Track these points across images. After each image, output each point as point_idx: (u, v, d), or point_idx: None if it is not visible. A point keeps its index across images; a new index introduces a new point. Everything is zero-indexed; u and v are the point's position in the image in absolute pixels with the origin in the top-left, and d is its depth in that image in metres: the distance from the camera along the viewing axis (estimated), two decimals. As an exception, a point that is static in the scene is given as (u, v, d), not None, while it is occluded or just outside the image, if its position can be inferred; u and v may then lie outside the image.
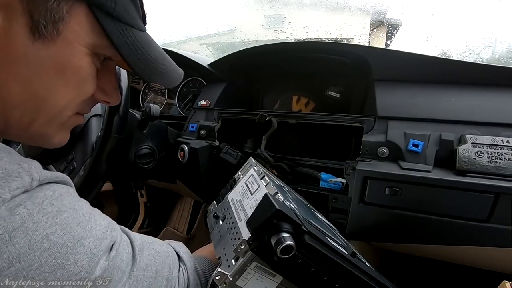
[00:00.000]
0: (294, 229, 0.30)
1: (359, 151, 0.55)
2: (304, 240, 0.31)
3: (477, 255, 0.51)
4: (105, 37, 0.30)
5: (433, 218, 0.47)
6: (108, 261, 0.29)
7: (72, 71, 0.30)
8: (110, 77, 0.36)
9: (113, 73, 0.37)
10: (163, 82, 0.37)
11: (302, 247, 0.31)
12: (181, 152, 0.72)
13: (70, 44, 0.29)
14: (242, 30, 1.58)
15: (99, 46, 0.31)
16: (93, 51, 0.31)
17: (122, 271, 0.30)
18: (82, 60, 0.30)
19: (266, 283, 0.35)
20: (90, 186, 0.56)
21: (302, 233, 0.31)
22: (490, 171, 0.45)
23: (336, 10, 1.21)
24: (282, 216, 0.30)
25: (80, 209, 0.29)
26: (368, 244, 0.59)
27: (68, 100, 0.31)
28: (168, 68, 0.36)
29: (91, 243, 0.28)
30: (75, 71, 0.30)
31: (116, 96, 0.38)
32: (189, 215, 1.24)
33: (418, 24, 1.09)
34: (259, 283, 0.35)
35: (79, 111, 0.35)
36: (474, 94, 0.54)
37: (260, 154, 0.67)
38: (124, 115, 0.57)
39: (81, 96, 0.33)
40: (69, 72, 0.30)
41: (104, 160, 0.56)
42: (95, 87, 0.34)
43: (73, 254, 0.26)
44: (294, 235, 0.30)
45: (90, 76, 0.32)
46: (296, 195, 0.53)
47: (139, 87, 1.08)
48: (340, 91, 0.78)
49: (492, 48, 0.91)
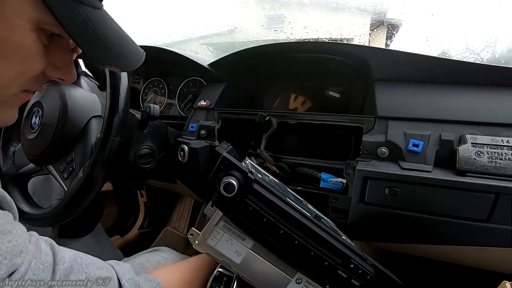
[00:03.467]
0: (242, 176, 0.35)
1: (359, 151, 0.55)
2: (252, 187, 0.35)
3: (477, 255, 0.51)
4: (50, 13, 0.27)
5: (433, 218, 0.47)
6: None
7: (13, 48, 0.27)
8: (63, 53, 0.33)
9: (66, 49, 0.34)
10: (118, 64, 0.34)
11: (250, 193, 0.35)
12: (181, 152, 0.72)
13: (9, 19, 0.26)
14: (242, 30, 1.58)
15: (44, 22, 0.28)
16: (38, 26, 0.28)
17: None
18: (25, 36, 0.27)
19: (237, 246, 0.38)
20: (89, 189, 0.56)
21: (250, 180, 0.35)
22: (490, 171, 0.45)
23: (336, 10, 1.21)
24: (229, 164, 0.35)
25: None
26: (368, 244, 0.59)
27: (10, 79, 0.29)
28: (125, 50, 0.33)
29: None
30: (16, 48, 0.28)
31: (70, 72, 0.35)
32: (189, 215, 1.24)
33: (418, 24, 1.09)
34: (229, 245, 0.38)
35: (28, 88, 0.32)
36: (474, 94, 0.54)
37: (260, 154, 0.67)
38: (124, 117, 0.57)
39: (27, 74, 0.30)
40: (9, 49, 0.27)
41: (104, 163, 0.55)
42: (43, 64, 0.31)
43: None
44: (241, 181, 0.35)
45: (36, 53, 0.29)
46: (288, 190, 0.53)
47: (139, 87, 1.08)
48: (340, 91, 0.78)
49: (492, 48, 0.90)
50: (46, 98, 0.63)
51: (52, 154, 0.62)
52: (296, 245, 0.35)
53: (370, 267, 0.37)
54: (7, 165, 0.73)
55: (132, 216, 1.29)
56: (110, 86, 0.55)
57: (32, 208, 0.65)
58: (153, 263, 0.55)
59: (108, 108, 0.55)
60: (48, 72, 0.33)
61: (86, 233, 0.94)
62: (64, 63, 0.33)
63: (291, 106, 0.84)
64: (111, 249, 0.98)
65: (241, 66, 0.82)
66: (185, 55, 0.88)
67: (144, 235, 1.28)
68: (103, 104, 0.66)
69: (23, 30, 0.27)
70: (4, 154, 0.74)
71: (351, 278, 0.36)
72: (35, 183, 0.78)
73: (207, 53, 1.46)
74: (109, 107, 0.55)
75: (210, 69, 0.83)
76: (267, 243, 0.36)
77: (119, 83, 0.56)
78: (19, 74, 0.29)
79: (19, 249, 0.28)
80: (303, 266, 0.37)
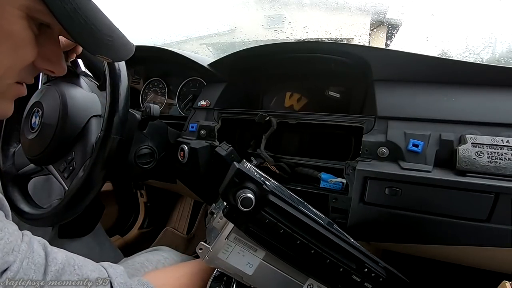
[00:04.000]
0: (257, 188, 0.33)
1: (359, 151, 0.55)
2: (268, 198, 0.34)
3: (477, 255, 0.51)
4: (41, 1, 0.27)
5: (433, 218, 0.47)
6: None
7: (3, 35, 0.27)
8: (53, 45, 0.34)
9: (56, 41, 0.34)
10: (109, 55, 0.34)
11: (266, 205, 0.34)
12: (181, 152, 0.72)
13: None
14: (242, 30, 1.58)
15: (35, 10, 0.28)
16: (29, 14, 0.28)
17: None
18: (15, 24, 0.28)
19: (249, 258, 0.36)
20: (89, 188, 0.56)
21: (266, 192, 0.34)
22: (490, 171, 0.45)
23: (336, 10, 1.21)
24: (244, 176, 0.33)
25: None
26: (368, 244, 0.59)
27: (4, 67, 0.29)
28: (116, 42, 0.33)
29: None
30: (7, 35, 0.28)
31: (61, 65, 0.35)
32: (189, 215, 1.24)
33: (418, 24, 1.09)
34: (240, 257, 0.36)
35: (20, 80, 0.33)
36: (474, 94, 0.54)
37: (260, 154, 0.67)
38: (124, 116, 0.56)
39: (19, 63, 0.30)
40: (0, 36, 0.27)
41: (104, 162, 0.55)
42: (35, 54, 0.31)
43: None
44: (257, 193, 0.33)
45: (26, 41, 0.29)
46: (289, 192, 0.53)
47: (139, 87, 1.08)
48: (340, 91, 0.78)
49: (492, 48, 0.90)
50: (46, 98, 0.63)
51: (52, 154, 0.62)
52: (313, 254, 0.35)
53: (382, 269, 0.37)
54: (7, 165, 0.73)
55: (132, 216, 1.29)
56: (110, 85, 0.55)
57: (32, 208, 0.65)
58: (153, 263, 0.55)
59: (108, 107, 0.55)
60: (38, 64, 0.33)
61: (86, 233, 0.94)
62: (54, 54, 0.34)
63: (287, 104, 0.84)
64: (111, 249, 0.98)
65: (241, 66, 0.82)
66: (185, 55, 0.88)
67: (144, 235, 1.28)
68: (103, 104, 0.66)
69: (13, 17, 0.27)
70: (4, 155, 0.74)
71: (365, 282, 0.36)
72: (35, 183, 0.78)
73: (207, 53, 1.46)
74: (109, 105, 0.55)
75: (210, 69, 0.83)
76: (282, 253, 0.35)
77: (119, 83, 0.56)
78: (11, 62, 0.29)
79: (11, 247, 0.28)
80: (318, 273, 0.36)
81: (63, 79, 0.65)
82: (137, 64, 1.06)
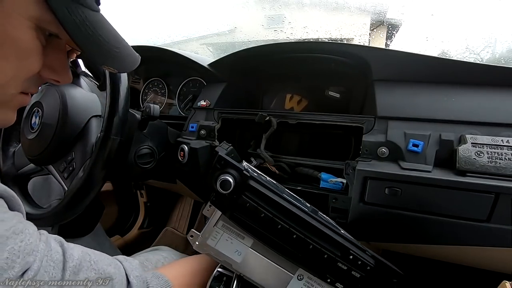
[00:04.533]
0: (238, 174, 0.36)
1: (359, 151, 0.55)
2: (248, 183, 0.36)
3: (477, 255, 0.51)
4: (50, 12, 0.27)
5: (433, 218, 0.47)
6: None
7: (12, 44, 0.28)
8: (59, 54, 0.34)
9: (63, 51, 0.34)
10: (115, 66, 0.34)
11: (247, 190, 0.36)
12: (181, 152, 0.72)
13: (9, 15, 0.26)
14: (242, 30, 1.58)
15: (44, 21, 0.28)
16: (38, 24, 0.29)
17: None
18: (24, 33, 0.28)
19: (237, 245, 0.38)
20: (89, 188, 0.56)
21: (246, 178, 0.36)
22: (490, 171, 0.45)
23: (336, 10, 1.21)
24: (225, 162, 0.36)
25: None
26: (368, 244, 0.59)
27: (9, 77, 0.29)
28: (122, 53, 0.34)
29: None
30: (15, 45, 0.28)
31: (66, 74, 0.35)
32: (189, 215, 1.24)
33: (418, 24, 1.09)
34: (229, 244, 0.38)
35: (24, 90, 0.33)
36: (474, 94, 0.54)
37: (260, 154, 0.67)
38: (124, 116, 0.57)
39: (25, 73, 0.30)
40: (7, 45, 0.27)
41: (104, 163, 0.55)
42: (40, 64, 0.31)
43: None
44: (237, 178, 0.36)
45: (33, 51, 0.30)
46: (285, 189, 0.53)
47: (139, 87, 1.08)
48: (340, 91, 0.78)
49: (492, 48, 0.90)
50: (46, 98, 0.63)
51: (52, 154, 0.62)
52: (295, 239, 0.36)
53: (370, 258, 0.37)
54: (7, 165, 0.73)
55: (132, 216, 1.29)
56: (110, 85, 0.55)
57: (32, 208, 0.65)
58: (153, 262, 0.55)
59: (108, 107, 0.55)
60: (44, 74, 0.33)
61: (86, 233, 0.94)
62: (60, 65, 0.34)
63: (287, 106, 0.84)
64: (111, 249, 0.98)
65: (241, 66, 0.82)
66: (185, 55, 0.88)
67: (144, 235, 1.28)
68: (103, 104, 0.66)
69: (22, 27, 0.28)
70: (4, 155, 0.74)
71: (351, 270, 0.36)
72: (35, 183, 0.78)
73: (207, 53, 1.46)
74: (109, 106, 0.55)
75: (210, 69, 0.83)
76: (266, 239, 0.36)
77: (119, 83, 0.56)
78: (16, 72, 0.30)
79: (31, 248, 0.28)
80: (303, 260, 0.37)
81: (63, 79, 0.65)
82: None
